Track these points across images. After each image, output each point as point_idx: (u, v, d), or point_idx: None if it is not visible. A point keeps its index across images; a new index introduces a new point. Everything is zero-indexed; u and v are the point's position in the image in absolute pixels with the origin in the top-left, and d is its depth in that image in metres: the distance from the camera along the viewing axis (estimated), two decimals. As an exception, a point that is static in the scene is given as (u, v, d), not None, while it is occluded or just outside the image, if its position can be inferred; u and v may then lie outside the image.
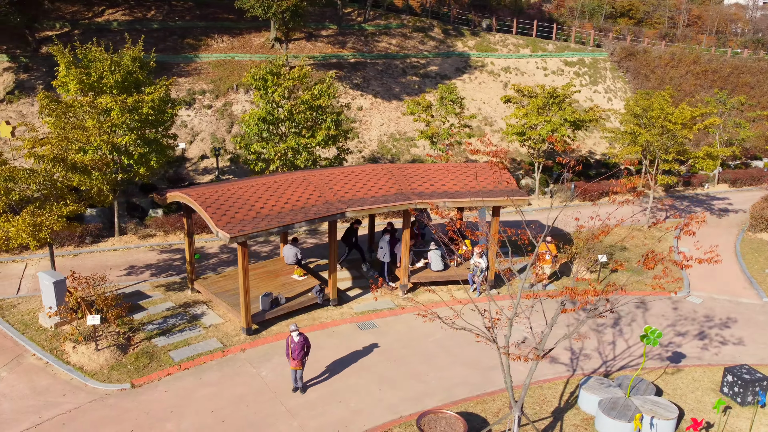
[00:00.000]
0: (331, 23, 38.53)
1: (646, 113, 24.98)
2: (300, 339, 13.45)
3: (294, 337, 13.49)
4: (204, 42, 33.63)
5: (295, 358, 13.51)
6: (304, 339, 13.53)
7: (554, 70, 41.87)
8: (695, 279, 21.97)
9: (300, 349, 13.44)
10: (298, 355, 13.48)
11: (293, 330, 13.53)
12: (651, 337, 13.10)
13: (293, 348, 13.46)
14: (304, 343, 13.48)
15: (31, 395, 13.45)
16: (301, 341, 13.45)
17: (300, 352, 13.46)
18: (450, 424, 12.17)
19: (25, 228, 14.24)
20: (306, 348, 13.57)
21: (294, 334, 13.51)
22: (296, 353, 13.46)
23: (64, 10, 33.16)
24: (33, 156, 14.47)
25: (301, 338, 13.48)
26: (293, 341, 13.48)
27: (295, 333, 13.50)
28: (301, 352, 13.47)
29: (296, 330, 13.52)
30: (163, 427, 12.62)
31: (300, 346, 13.42)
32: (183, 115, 28.95)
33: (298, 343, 13.43)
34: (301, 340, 13.45)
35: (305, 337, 13.56)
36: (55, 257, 20.55)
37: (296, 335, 13.48)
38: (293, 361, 13.55)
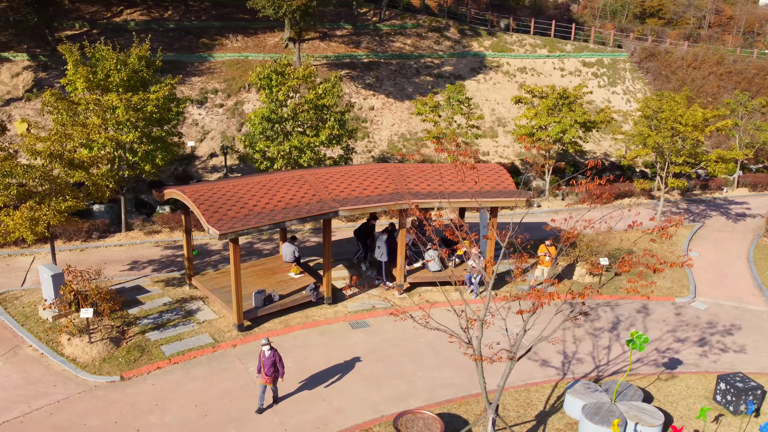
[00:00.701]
0: (346, 23, 38.67)
1: (657, 115, 24.53)
2: (271, 354, 12.80)
3: (265, 352, 12.83)
4: (219, 41, 34.05)
5: (266, 373, 12.85)
6: (276, 354, 12.85)
7: (572, 70, 41.36)
8: (703, 284, 21.51)
9: (271, 364, 12.78)
10: (269, 371, 12.82)
11: (264, 344, 12.86)
12: (637, 342, 12.87)
13: (264, 363, 12.81)
14: (275, 359, 12.81)
15: (23, 385, 13.79)
16: (272, 356, 12.79)
17: (271, 368, 12.81)
18: (427, 424, 12.13)
19: (22, 222, 14.61)
20: (277, 363, 12.87)
21: (265, 349, 12.83)
22: (267, 368, 12.81)
23: (83, 11, 33.89)
24: (31, 152, 14.83)
25: (273, 353, 12.82)
26: (264, 356, 12.83)
27: (267, 347, 12.82)
28: (272, 368, 12.82)
29: (267, 344, 12.84)
30: (147, 419, 12.83)
31: (271, 362, 12.77)
32: (194, 113, 29.37)
33: (269, 358, 12.78)
34: (272, 355, 12.80)
35: (277, 352, 12.88)
36: (63, 251, 21.09)
37: (267, 350, 12.81)
38: (264, 376, 12.89)
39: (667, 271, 22.17)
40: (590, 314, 14.94)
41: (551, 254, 19.52)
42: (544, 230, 22.04)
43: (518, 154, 33.76)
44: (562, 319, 14.72)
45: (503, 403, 13.98)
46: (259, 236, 23.45)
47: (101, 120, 19.50)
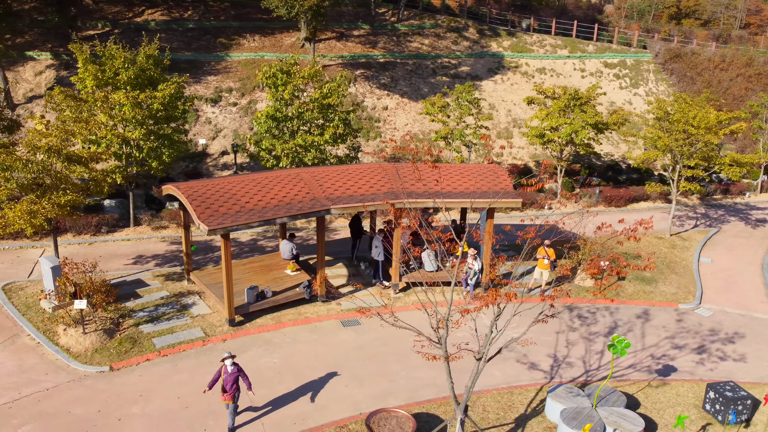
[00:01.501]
0: (364, 23, 38.82)
1: (669, 116, 24.02)
2: (234, 369, 12.07)
3: (228, 367, 12.04)
4: (236, 41, 34.55)
5: (227, 390, 12.05)
6: (239, 370, 12.13)
7: (592, 71, 40.75)
8: (710, 291, 21.00)
9: (233, 381, 12.01)
10: (231, 388, 12.03)
11: (226, 358, 12.08)
12: (618, 346, 12.65)
13: (225, 379, 12.03)
14: (238, 375, 12.07)
15: (17, 372, 14.25)
16: (235, 372, 12.06)
17: (233, 385, 12.03)
18: (400, 423, 12.15)
19: (20, 215, 15.10)
20: (241, 379, 12.16)
21: (228, 363, 12.05)
22: (229, 385, 12.02)
23: (106, 11, 34.77)
24: (30, 147, 15.32)
25: (236, 369, 12.09)
26: (226, 371, 12.03)
27: (229, 362, 12.05)
28: (234, 385, 12.06)
29: (230, 358, 12.07)
30: (129, 409, 13.13)
31: (233, 378, 12.00)
32: (208, 112, 29.87)
33: (232, 374, 12.03)
34: (235, 370, 12.07)
35: (240, 368, 12.17)
36: (72, 244, 21.69)
37: (230, 364, 12.05)
38: (224, 393, 12.08)
39: (673, 276, 21.70)
40: (557, 317, 14.57)
41: (549, 256, 19.28)
42: (548, 233, 21.88)
43: (533, 156, 33.41)
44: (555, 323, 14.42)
45: (484, 404, 13.90)
46: (264, 234, 23.74)
47: (108, 117, 20.00)
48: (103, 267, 19.88)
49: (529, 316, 17.62)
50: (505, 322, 12.11)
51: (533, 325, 11.77)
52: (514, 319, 17.91)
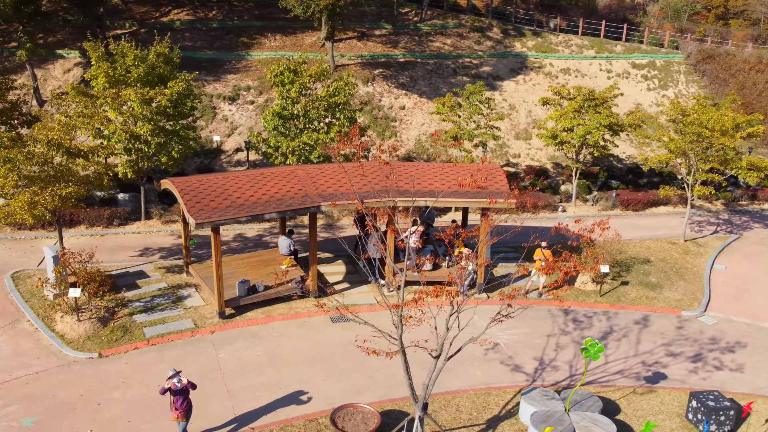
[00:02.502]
0: (386, 23, 38.94)
1: (683, 118, 23.37)
2: (183, 386, 11.55)
3: (176, 384, 11.47)
4: (257, 40, 35.12)
5: (177, 407, 11.58)
6: (189, 385, 11.64)
7: (619, 72, 39.88)
8: (719, 298, 20.37)
9: (183, 398, 11.55)
10: (182, 405, 11.59)
11: (172, 375, 11.50)
12: (591, 350, 12.43)
13: (175, 398, 11.60)
14: (188, 388, 11.63)
15: (12, 356, 14.89)
16: (185, 386, 11.58)
17: (184, 402, 11.59)
18: (365, 419, 12.22)
19: (21, 205, 15.76)
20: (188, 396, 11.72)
21: (175, 380, 11.47)
22: (179, 402, 11.57)
23: (135, 11, 35.83)
24: (32, 140, 15.98)
25: (185, 385, 11.58)
26: (175, 387, 11.51)
27: (176, 379, 11.49)
28: (185, 402, 11.62)
29: (176, 375, 11.53)
30: (110, 394, 13.58)
31: (183, 393, 11.56)
32: (225, 109, 30.47)
33: (181, 390, 11.55)
34: (184, 386, 11.56)
35: (190, 382, 11.69)
36: (85, 236, 22.47)
37: (177, 382, 11.48)
38: (175, 411, 11.60)
39: (681, 282, 21.12)
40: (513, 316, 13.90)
41: (547, 258, 19.01)
42: (549, 235, 21.57)
43: (551, 157, 32.93)
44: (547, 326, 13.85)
45: (458, 404, 13.84)
46: (270, 230, 24.07)
47: (118, 113, 20.66)
48: (110, 258, 20.58)
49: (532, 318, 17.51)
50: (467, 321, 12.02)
51: (492, 325, 11.65)
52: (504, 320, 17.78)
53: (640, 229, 26.36)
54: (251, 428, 12.70)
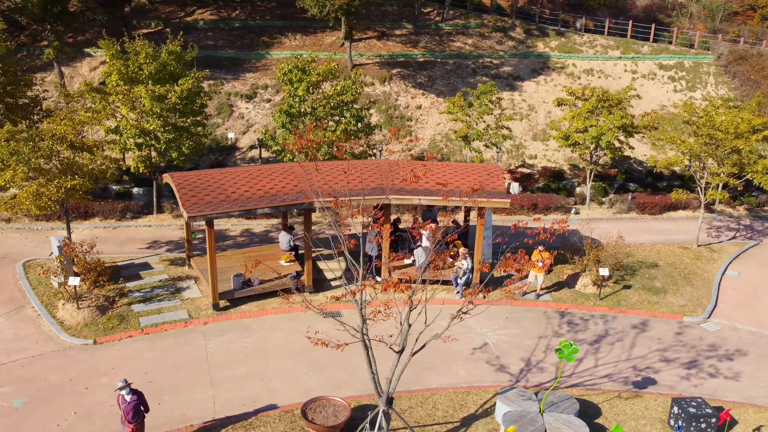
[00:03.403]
0: (407, 23, 39.03)
1: (696, 120, 22.82)
2: (133, 398, 11.15)
3: (125, 396, 11.11)
4: (278, 40, 35.65)
5: (130, 421, 11.14)
6: (139, 398, 11.27)
7: (645, 73, 39.04)
8: (726, 305, 19.84)
9: (133, 410, 11.13)
10: (133, 418, 11.15)
11: (121, 387, 11.07)
12: (565, 351, 12.32)
13: (125, 409, 11.11)
14: (137, 401, 11.22)
15: (12, 340, 15.56)
16: (134, 400, 11.16)
17: (136, 415, 11.18)
18: (336, 411, 12.38)
19: (26, 195, 16.45)
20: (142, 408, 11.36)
21: (124, 393, 11.09)
22: (129, 415, 11.11)
23: (161, 11, 36.81)
24: (37, 134, 16.65)
25: (134, 397, 11.17)
26: (124, 401, 11.11)
27: (126, 391, 11.09)
28: (136, 415, 11.20)
29: (126, 386, 11.11)
30: (98, 380, 14.07)
31: (132, 407, 11.13)
32: (242, 107, 31.04)
33: (131, 403, 11.13)
34: (134, 399, 11.15)
35: (140, 394, 11.34)
36: (98, 228, 23.24)
37: (127, 394, 11.10)
38: (127, 425, 11.19)
39: (687, 288, 20.64)
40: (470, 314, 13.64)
41: (544, 260, 18.85)
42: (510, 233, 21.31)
43: (568, 159, 32.50)
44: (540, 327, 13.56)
45: (435, 402, 13.87)
46: (277, 226, 24.44)
47: (129, 109, 21.32)
48: (119, 250, 21.25)
49: (531, 319, 17.44)
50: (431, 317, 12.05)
51: (453, 324, 11.64)
52: (498, 320, 17.74)
53: (654, 233, 25.82)
54: (227, 417, 13.00)
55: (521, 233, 23.82)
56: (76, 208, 23.05)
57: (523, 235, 23.49)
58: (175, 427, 12.62)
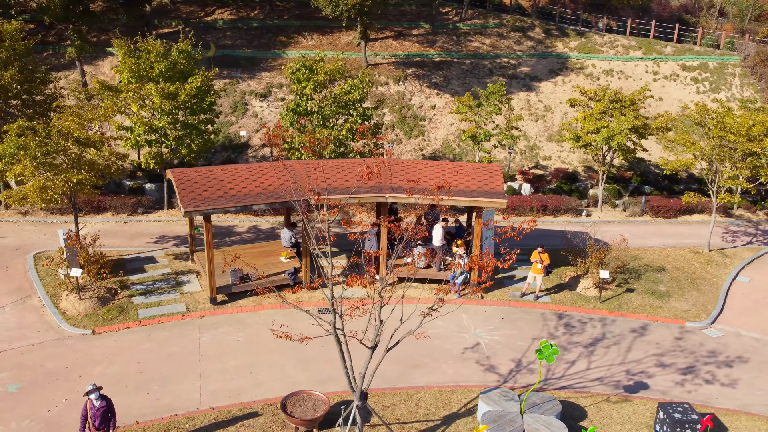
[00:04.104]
0: (425, 23, 39.01)
1: (707, 122, 22.35)
2: (102, 404, 10.82)
3: (94, 402, 10.79)
4: (295, 39, 36.01)
5: (97, 427, 10.78)
6: (107, 405, 10.91)
7: (667, 74, 38.30)
8: (732, 311, 19.40)
9: (101, 416, 10.78)
10: (100, 425, 10.78)
11: (91, 391, 10.75)
12: (545, 352, 12.23)
13: (92, 415, 10.75)
14: (106, 408, 10.87)
15: (15, 328, 16.10)
16: (103, 406, 10.82)
17: (104, 423, 10.84)
18: (316, 405, 12.52)
19: (33, 190, 17.00)
20: (110, 414, 10.96)
21: (93, 398, 10.78)
22: (97, 422, 10.75)
23: (182, 11, 37.51)
24: (44, 130, 17.19)
25: (103, 403, 10.84)
26: (92, 406, 10.78)
27: (95, 396, 10.78)
28: (104, 422, 10.87)
29: (95, 391, 10.79)
30: (93, 369, 14.47)
31: (101, 414, 10.78)
32: (256, 106, 31.45)
33: (100, 408, 10.78)
34: (103, 405, 10.82)
35: (109, 401, 10.99)
36: (110, 222, 23.84)
37: (96, 399, 10.79)
38: (96, 431, 10.84)
39: (693, 293, 20.23)
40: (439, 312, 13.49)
41: (543, 261, 18.71)
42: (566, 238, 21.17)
43: (582, 161, 32.09)
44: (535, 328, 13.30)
45: (419, 399, 13.91)
46: (283, 223, 24.72)
47: (139, 106, 21.83)
48: (128, 243, 21.78)
49: (527, 321, 17.36)
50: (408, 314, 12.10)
51: (424, 322, 11.65)
52: (493, 321, 17.68)
53: (666, 236, 25.36)
54: (211, 408, 13.25)
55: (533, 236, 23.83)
56: (89, 202, 23.70)
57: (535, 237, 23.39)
58: (160, 416, 12.91)
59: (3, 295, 17.77)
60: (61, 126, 17.25)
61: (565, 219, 27.12)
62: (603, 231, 24.46)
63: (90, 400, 10.84)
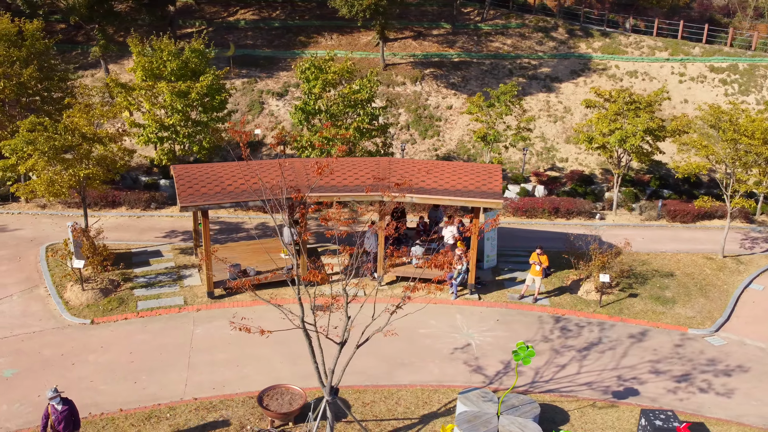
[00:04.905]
0: (446, 23, 38.92)
1: (719, 124, 21.75)
2: (64, 408, 10.61)
3: (56, 406, 10.54)
4: (314, 39, 36.36)
5: (61, 431, 10.59)
6: (70, 408, 10.72)
7: (694, 76, 37.34)
8: (741, 319, 18.87)
9: (64, 420, 10.56)
10: (65, 429, 10.58)
11: (52, 396, 10.49)
12: (521, 354, 12.13)
13: (56, 419, 10.50)
14: (69, 413, 10.66)
15: (19, 316, 16.72)
16: (65, 410, 10.61)
17: (65, 425, 10.61)
18: (292, 399, 12.69)
19: (40, 183, 17.63)
20: (74, 417, 10.77)
21: (54, 403, 10.51)
22: (61, 426, 10.52)
23: (206, 11, 38.27)
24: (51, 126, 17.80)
25: (66, 407, 10.63)
26: (55, 410, 10.52)
27: (56, 401, 10.52)
28: (68, 426, 10.68)
29: (57, 396, 10.55)
30: (86, 357, 14.93)
31: (64, 417, 10.57)
32: (273, 104, 31.88)
33: (62, 412, 10.55)
34: (65, 408, 10.61)
35: (72, 404, 10.81)
36: (124, 216, 24.50)
37: (57, 403, 10.53)
38: None
39: (700, 300, 19.72)
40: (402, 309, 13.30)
41: (541, 263, 18.50)
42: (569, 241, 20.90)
43: (600, 163, 31.55)
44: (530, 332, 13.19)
45: (399, 398, 13.94)
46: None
47: (151, 104, 22.40)
48: (137, 237, 22.36)
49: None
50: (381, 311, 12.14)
51: (394, 319, 11.68)
52: (488, 322, 17.57)
53: (680, 241, 24.76)
54: (194, 398, 13.53)
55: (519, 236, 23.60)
56: (105, 197, 24.39)
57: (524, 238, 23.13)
58: (144, 405, 13.25)
59: (13, 284, 18.45)
60: (68, 122, 17.82)
61: (577, 222, 26.70)
62: (615, 235, 24.00)
63: (52, 405, 10.58)
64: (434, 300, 18.66)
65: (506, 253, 21.88)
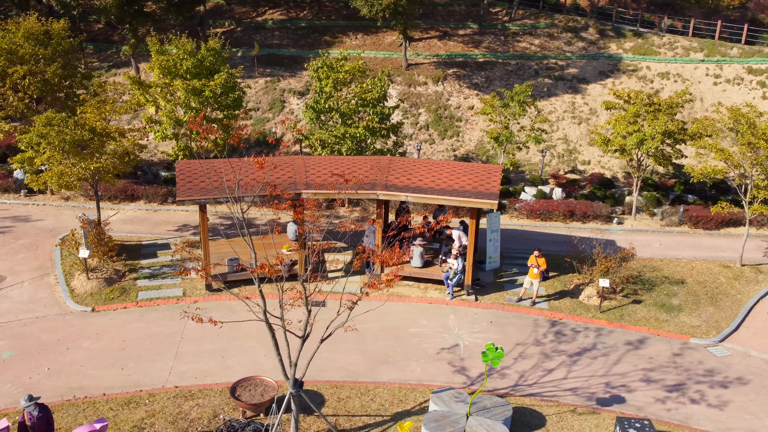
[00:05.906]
0: (473, 23, 38.64)
1: (737, 126, 20.95)
2: (40, 414, 10.29)
3: (32, 412, 10.22)
4: (339, 39, 36.66)
5: None
6: (45, 414, 10.41)
7: (730, 78, 35.98)
8: (750, 330, 18.16)
9: (43, 426, 10.36)
10: None
11: (27, 405, 10.16)
12: (490, 355, 12.01)
13: (33, 425, 10.24)
14: (45, 419, 10.38)
15: (27, 302, 17.50)
16: (43, 417, 10.33)
17: (45, 431, 10.41)
18: (264, 390, 12.91)
19: (51, 175, 18.40)
20: (49, 424, 10.49)
21: (30, 409, 10.19)
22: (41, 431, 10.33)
23: (235, 11, 39.07)
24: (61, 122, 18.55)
25: (42, 414, 10.33)
26: (31, 417, 10.21)
27: (32, 407, 10.19)
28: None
29: (32, 403, 10.22)
30: (81, 343, 15.53)
31: (42, 422, 10.33)
32: (293, 103, 32.33)
33: (39, 418, 10.27)
34: (41, 415, 10.30)
35: (48, 410, 10.53)
36: (141, 210, 25.28)
37: (34, 410, 10.22)
38: None
39: (709, 308, 19.05)
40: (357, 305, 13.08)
41: (540, 266, 18.23)
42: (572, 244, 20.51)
43: (623, 166, 30.76)
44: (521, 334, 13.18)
45: (375, 394, 13.98)
46: (303, 217, 25.31)
47: (166, 101, 23.06)
48: (150, 230, 23.04)
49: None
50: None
51: (357, 315, 11.71)
52: (480, 323, 17.41)
53: (699, 248, 23.95)
54: (175, 386, 13.90)
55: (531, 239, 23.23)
56: (124, 190, 25.23)
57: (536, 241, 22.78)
58: (126, 390, 13.70)
59: (26, 271, 19.31)
60: (80, 117, 18.54)
61: (593, 226, 26.12)
62: (631, 240, 23.40)
63: (26, 412, 10.30)
64: (429, 300, 18.64)
65: (514, 255, 21.60)
